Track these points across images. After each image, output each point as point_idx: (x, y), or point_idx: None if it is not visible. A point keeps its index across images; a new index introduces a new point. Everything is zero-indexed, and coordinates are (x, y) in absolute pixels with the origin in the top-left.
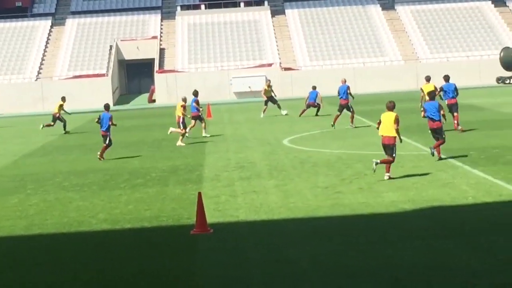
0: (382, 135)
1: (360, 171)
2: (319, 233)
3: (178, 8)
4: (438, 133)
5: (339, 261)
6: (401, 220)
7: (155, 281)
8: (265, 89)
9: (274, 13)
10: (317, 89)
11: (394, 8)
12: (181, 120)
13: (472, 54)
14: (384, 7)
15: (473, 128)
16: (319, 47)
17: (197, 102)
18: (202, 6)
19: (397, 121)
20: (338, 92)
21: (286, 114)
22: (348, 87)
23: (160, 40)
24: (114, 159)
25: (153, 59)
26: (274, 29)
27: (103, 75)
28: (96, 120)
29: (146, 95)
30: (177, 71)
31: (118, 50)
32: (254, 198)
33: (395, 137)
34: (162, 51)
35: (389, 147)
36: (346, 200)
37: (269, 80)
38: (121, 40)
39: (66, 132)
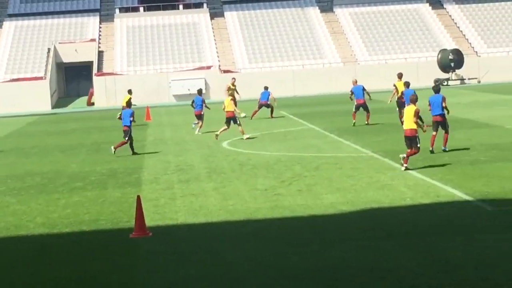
0: (404, 129)
1: (299, 173)
2: (258, 235)
3: (117, 10)
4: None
5: (278, 263)
6: (340, 221)
7: (93, 285)
8: (228, 87)
9: (213, 16)
10: (269, 89)
11: (333, 11)
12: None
13: (410, 56)
14: (323, 10)
15: None
16: (258, 50)
17: (203, 100)
18: (141, 9)
19: (416, 114)
20: (352, 93)
21: (244, 117)
22: (363, 87)
23: (99, 43)
24: (52, 163)
25: (91, 62)
26: (213, 32)
27: (41, 78)
28: (118, 116)
29: (85, 98)
30: (116, 74)
31: (56, 53)
32: (193, 200)
33: (416, 129)
34: (100, 54)
35: (411, 139)
36: (286, 202)
37: (234, 79)
38: (59, 43)
39: None
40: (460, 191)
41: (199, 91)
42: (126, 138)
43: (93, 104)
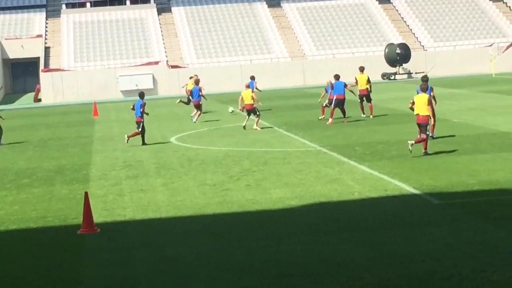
0: (417, 114)
1: (248, 168)
2: (206, 230)
3: (64, 6)
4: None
5: (226, 258)
6: (288, 216)
7: (40, 282)
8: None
9: (160, 11)
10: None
11: (280, 6)
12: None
13: (358, 51)
14: (270, 5)
15: (358, 124)
16: (206, 45)
17: (200, 90)
18: (88, 4)
19: (429, 102)
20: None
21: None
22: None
23: (45, 39)
24: None
25: (38, 58)
26: (160, 27)
27: None
28: (132, 107)
29: (32, 94)
30: (63, 70)
31: (2, 49)
32: (141, 196)
33: (428, 116)
34: (47, 49)
35: (423, 125)
36: (234, 197)
37: (196, 75)
38: (5, 39)
39: None
40: (407, 184)
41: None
42: (140, 129)
43: (40, 100)
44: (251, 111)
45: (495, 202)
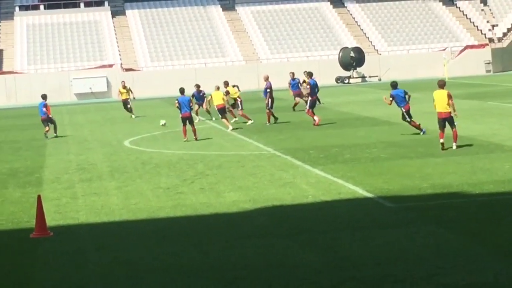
0: (438, 111)
1: (201, 171)
2: (160, 234)
3: (17, 8)
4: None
5: (179, 261)
6: (242, 219)
7: None
8: (119, 91)
9: (114, 14)
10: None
11: (235, 9)
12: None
13: (312, 54)
14: (225, 8)
15: (312, 128)
16: (161, 48)
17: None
18: (41, 7)
19: (450, 97)
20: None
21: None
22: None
23: None
24: None
25: None
26: (115, 30)
27: None
28: (177, 105)
29: None
30: (16, 73)
31: None
32: (95, 200)
33: (450, 111)
34: (0, 52)
35: (449, 120)
36: (188, 200)
37: (123, 81)
38: None
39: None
40: (361, 188)
41: (42, 96)
42: (194, 124)
43: None
44: (222, 110)
45: (447, 205)
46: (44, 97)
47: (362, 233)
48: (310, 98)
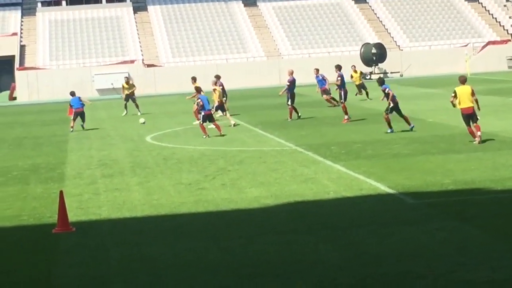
0: (462, 107)
1: (223, 167)
2: (182, 229)
3: (39, 4)
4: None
5: (200, 257)
6: (263, 215)
7: (14, 281)
8: (123, 86)
9: (136, 10)
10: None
11: (257, 5)
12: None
13: (333, 50)
14: (247, 4)
15: (334, 123)
16: (182, 44)
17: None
18: (64, 3)
19: (473, 92)
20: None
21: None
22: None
23: (21, 37)
24: None
25: (13, 56)
26: (136, 26)
27: None
28: (201, 103)
29: (7, 92)
30: (39, 68)
31: None
32: (117, 195)
33: (473, 106)
34: (22, 48)
35: (471, 116)
36: (210, 196)
37: (126, 77)
38: None
39: None
40: (382, 184)
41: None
42: (214, 121)
43: (15, 98)
44: (221, 108)
45: (469, 201)
46: (73, 93)
47: (383, 229)
48: (342, 91)
